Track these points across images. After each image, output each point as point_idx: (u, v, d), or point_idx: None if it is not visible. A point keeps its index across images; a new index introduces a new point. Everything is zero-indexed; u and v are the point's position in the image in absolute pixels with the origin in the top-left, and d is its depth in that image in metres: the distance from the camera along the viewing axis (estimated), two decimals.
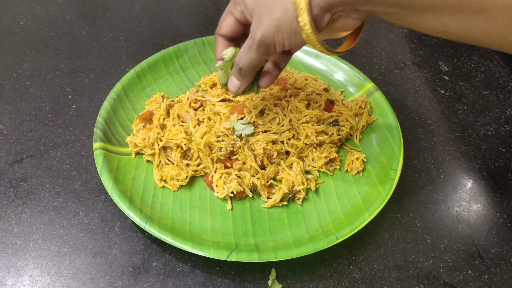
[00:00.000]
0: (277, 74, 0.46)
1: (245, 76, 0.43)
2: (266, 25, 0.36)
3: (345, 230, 0.46)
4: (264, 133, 0.53)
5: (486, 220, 0.53)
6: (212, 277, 0.45)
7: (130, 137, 0.54)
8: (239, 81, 0.44)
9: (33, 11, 0.80)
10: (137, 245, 0.47)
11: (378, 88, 0.62)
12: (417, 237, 0.50)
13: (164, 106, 0.57)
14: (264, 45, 0.38)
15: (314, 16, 0.33)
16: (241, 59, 0.41)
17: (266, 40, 0.37)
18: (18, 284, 0.44)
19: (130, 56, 0.72)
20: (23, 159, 0.55)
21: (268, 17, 0.36)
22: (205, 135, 0.52)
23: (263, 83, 0.46)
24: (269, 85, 0.46)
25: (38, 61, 0.69)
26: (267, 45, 0.38)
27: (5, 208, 0.50)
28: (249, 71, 0.42)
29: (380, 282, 0.46)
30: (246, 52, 0.40)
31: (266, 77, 0.46)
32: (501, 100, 0.69)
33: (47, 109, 0.62)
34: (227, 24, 0.43)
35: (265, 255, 0.43)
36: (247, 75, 0.43)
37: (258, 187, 0.51)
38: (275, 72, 0.46)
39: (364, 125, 0.59)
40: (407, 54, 0.77)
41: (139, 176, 0.52)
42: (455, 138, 0.62)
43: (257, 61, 0.41)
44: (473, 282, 0.47)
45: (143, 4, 0.84)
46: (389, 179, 0.51)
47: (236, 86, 0.45)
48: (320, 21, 0.34)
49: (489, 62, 0.76)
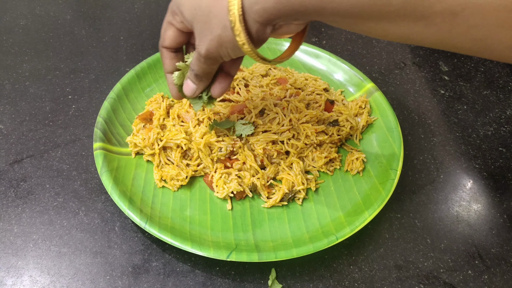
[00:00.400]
0: (229, 82, 0.45)
1: (202, 81, 0.43)
2: (208, 41, 0.36)
3: (345, 230, 0.46)
4: (264, 133, 0.53)
5: (486, 220, 0.53)
6: (212, 277, 0.45)
7: (130, 137, 0.54)
8: (195, 85, 0.43)
9: (33, 11, 0.80)
10: (137, 245, 0.47)
11: (378, 88, 0.62)
12: (417, 237, 0.50)
13: (164, 106, 0.57)
14: (210, 58, 0.38)
15: (254, 31, 0.33)
16: (194, 66, 0.41)
17: (211, 55, 0.37)
18: (18, 284, 0.44)
19: (130, 56, 0.72)
20: (23, 159, 0.55)
21: (209, 33, 0.35)
22: (205, 135, 0.52)
23: (215, 91, 0.44)
24: (222, 94, 0.45)
25: (38, 61, 0.69)
26: (214, 58, 0.38)
27: (5, 208, 0.50)
28: (204, 76, 0.42)
29: (380, 282, 0.46)
30: (196, 62, 0.40)
31: (217, 86, 0.44)
32: (501, 100, 0.69)
33: (47, 109, 0.62)
34: (170, 36, 0.42)
35: (265, 255, 0.43)
36: (203, 80, 0.43)
37: (258, 187, 0.51)
38: (227, 80, 0.44)
39: (364, 125, 0.59)
40: (407, 54, 0.77)
41: (139, 176, 0.52)
42: (455, 138, 0.62)
43: (209, 70, 0.41)
44: (473, 282, 0.47)
45: (143, 4, 0.84)
46: (389, 179, 0.51)
47: (192, 89, 0.44)
48: (262, 34, 0.34)
49: (489, 62, 0.76)
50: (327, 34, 0.79)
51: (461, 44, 0.27)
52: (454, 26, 0.26)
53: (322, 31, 0.80)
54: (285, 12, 0.31)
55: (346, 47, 0.77)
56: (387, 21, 0.28)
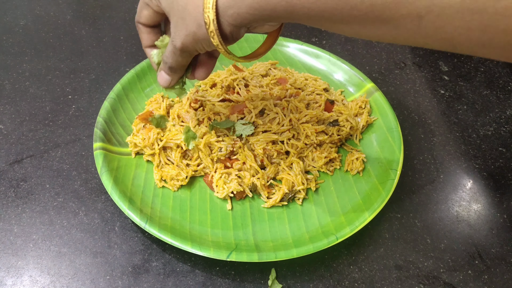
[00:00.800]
0: (213, 64, 0.45)
1: (176, 72, 0.43)
2: (183, 35, 0.36)
3: (345, 230, 0.46)
4: (264, 133, 0.53)
5: (486, 220, 0.53)
6: (212, 277, 0.45)
7: (130, 137, 0.54)
8: (169, 76, 0.43)
9: (33, 11, 0.80)
10: (137, 245, 0.47)
11: (378, 88, 0.62)
12: (417, 237, 0.50)
13: (164, 106, 0.57)
14: (186, 51, 0.38)
15: (228, 32, 0.34)
16: (168, 59, 0.41)
17: (186, 48, 0.38)
18: (18, 284, 0.44)
19: (130, 56, 0.72)
20: (23, 159, 0.55)
21: (184, 28, 0.36)
22: (205, 135, 0.52)
23: (199, 75, 0.44)
24: (206, 76, 0.45)
25: (38, 61, 0.69)
26: (189, 51, 0.38)
27: (5, 208, 0.50)
28: (178, 68, 0.42)
29: (380, 282, 0.46)
30: (171, 55, 0.40)
31: (201, 69, 0.44)
32: (501, 100, 0.69)
33: (47, 109, 0.62)
34: (146, 15, 0.42)
35: (265, 255, 0.43)
36: (177, 72, 0.43)
37: (258, 187, 0.51)
38: (210, 62, 0.44)
39: (364, 125, 0.59)
40: (407, 54, 0.76)
41: (139, 176, 0.52)
42: (455, 138, 0.62)
43: (184, 62, 0.41)
44: (473, 282, 0.47)
45: None
46: (389, 179, 0.51)
47: (167, 81, 0.44)
48: (236, 35, 0.35)
49: (489, 62, 0.76)
50: (327, 34, 0.79)
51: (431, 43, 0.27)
52: (422, 28, 0.26)
53: (322, 31, 0.80)
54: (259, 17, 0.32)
55: (346, 47, 0.77)
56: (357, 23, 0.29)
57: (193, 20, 0.34)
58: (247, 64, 0.67)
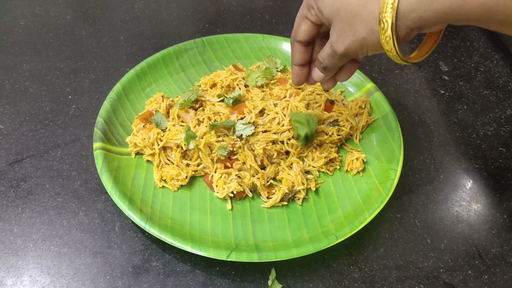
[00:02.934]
0: (356, 68, 0.46)
1: (330, 71, 0.44)
2: (349, 42, 0.37)
3: (345, 230, 0.46)
4: (264, 133, 0.53)
5: (486, 220, 0.53)
6: (212, 277, 0.45)
7: (130, 137, 0.54)
8: (324, 74, 0.45)
9: (33, 11, 0.80)
10: (137, 245, 0.47)
11: (378, 88, 0.62)
12: (417, 237, 0.50)
13: (164, 106, 0.57)
14: (346, 56, 0.39)
15: (402, 36, 0.34)
16: (325, 60, 0.42)
17: (348, 54, 0.39)
18: (18, 284, 0.44)
19: (130, 56, 0.72)
20: (23, 159, 0.55)
21: (351, 34, 0.36)
22: (205, 135, 0.52)
23: (342, 77, 0.46)
24: (348, 78, 0.46)
25: (38, 61, 0.69)
26: (350, 56, 0.39)
27: (5, 208, 0.50)
28: (333, 69, 0.44)
29: (380, 282, 0.46)
30: (328, 57, 0.41)
31: (345, 72, 0.46)
32: (501, 100, 0.69)
33: (47, 109, 0.62)
34: (304, 30, 0.43)
35: (265, 255, 0.43)
36: (331, 71, 0.44)
37: (258, 187, 0.51)
38: (354, 66, 0.46)
39: (364, 125, 0.59)
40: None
41: (139, 176, 0.52)
42: (455, 138, 0.62)
43: (340, 64, 0.42)
44: (473, 282, 0.47)
45: (143, 4, 0.84)
46: (389, 179, 0.51)
47: (321, 77, 0.45)
48: (409, 37, 0.35)
49: (489, 62, 0.76)
50: None
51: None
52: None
53: None
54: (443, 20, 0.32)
55: None
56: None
57: (365, 26, 0.35)
58: (247, 65, 0.67)
